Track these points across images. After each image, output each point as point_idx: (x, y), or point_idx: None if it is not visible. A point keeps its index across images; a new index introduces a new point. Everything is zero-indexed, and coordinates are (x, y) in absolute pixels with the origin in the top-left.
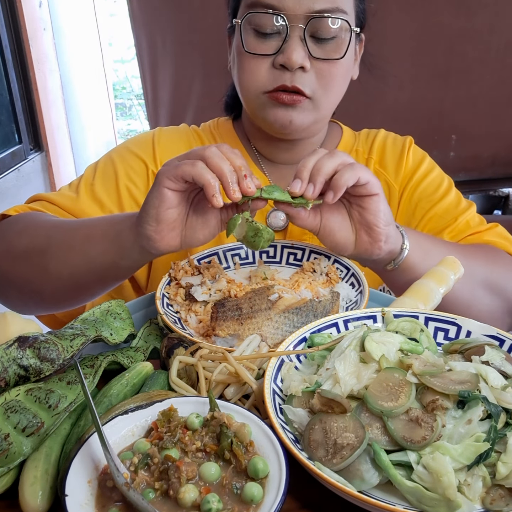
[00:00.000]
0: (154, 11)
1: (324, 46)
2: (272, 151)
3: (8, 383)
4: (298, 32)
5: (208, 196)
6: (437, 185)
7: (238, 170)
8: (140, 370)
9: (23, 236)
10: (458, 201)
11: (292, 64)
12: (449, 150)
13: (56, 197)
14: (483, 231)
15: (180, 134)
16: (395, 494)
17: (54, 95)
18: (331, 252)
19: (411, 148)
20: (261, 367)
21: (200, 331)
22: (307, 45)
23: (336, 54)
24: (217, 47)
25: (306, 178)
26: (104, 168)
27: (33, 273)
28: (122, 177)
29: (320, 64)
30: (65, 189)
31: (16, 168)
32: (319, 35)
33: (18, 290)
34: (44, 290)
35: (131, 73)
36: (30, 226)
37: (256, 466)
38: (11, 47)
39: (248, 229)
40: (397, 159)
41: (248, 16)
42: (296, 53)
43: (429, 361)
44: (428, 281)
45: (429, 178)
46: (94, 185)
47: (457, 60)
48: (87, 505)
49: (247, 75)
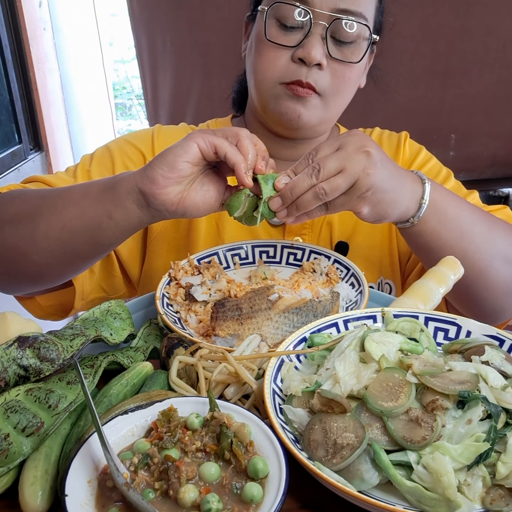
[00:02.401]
0: (154, 11)
1: (342, 48)
2: (274, 147)
3: (8, 383)
4: (321, 30)
5: (240, 174)
6: (436, 173)
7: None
8: (140, 370)
9: (14, 203)
10: (458, 187)
11: (310, 59)
12: (448, 150)
13: (52, 179)
14: (494, 210)
15: (179, 131)
16: (395, 494)
17: (54, 95)
18: (331, 251)
19: (407, 141)
20: (261, 367)
21: (200, 331)
22: (327, 44)
23: (353, 58)
24: (217, 47)
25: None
26: (101, 156)
27: (20, 238)
28: (118, 165)
29: (336, 65)
30: (61, 173)
31: (16, 168)
32: (339, 37)
33: (3, 261)
34: (29, 254)
35: (131, 73)
36: (21, 194)
37: (256, 466)
38: (11, 47)
39: (249, 204)
40: (393, 152)
41: (274, 6)
42: (316, 49)
43: (429, 361)
44: (428, 281)
45: (426, 167)
46: (90, 171)
47: (457, 60)
48: (87, 505)
49: (265, 63)
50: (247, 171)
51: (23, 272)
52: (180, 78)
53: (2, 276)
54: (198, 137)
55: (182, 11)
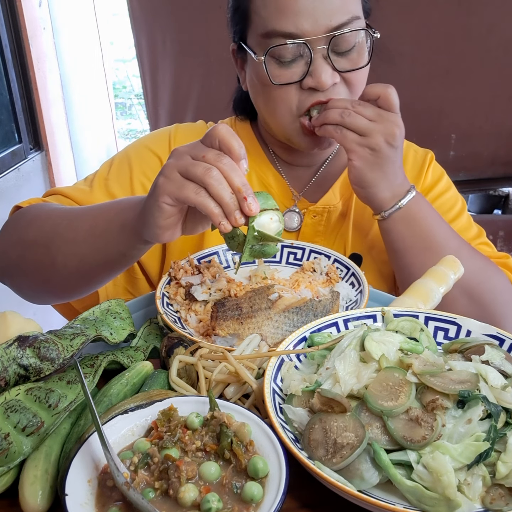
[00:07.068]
0: (154, 11)
1: (347, 57)
2: (289, 155)
3: (8, 383)
4: (321, 52)
5: (216, 223)
6: (451, 206)
7: (237, 192)
8: (140, 370)
9: (31, 227)
10: (469, 225)
11: (324, 86)
12: (448, 149)
13: (70, 190)
14: (494, 258)
15: (197, 130)
16: (395, 494)
17: (54, 94)
18: (331, 251)
19: (432, 164)
20: (261, 366)
21: (200, 330)
22: (331, 61)
23: (360, 62)
24: (217, 47)
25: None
26: (119, 164)
27: (42, 262)
28: (137, 172)
29: (348, 75)
30: (80, 183)
31: (16, 167)
32: (340, 49)
33: (29, 279)
34: (52, 279)
35: (132, 72)
36: (37, 217)
37: (256, 466)
38: (11, 46)
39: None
40: (416, 172)
41: (269, 51)
42: (325, 74)
43: (429, 361)
44: (428, 281)
45: (444, 198)
46: (108, 179)
47: (457, 59)
48: (87, 505)
49: (279, 106)
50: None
51: (47, 290)
52: (180, 78)
53: (29, 291)
54: (164, 196)
55: (182, 11)
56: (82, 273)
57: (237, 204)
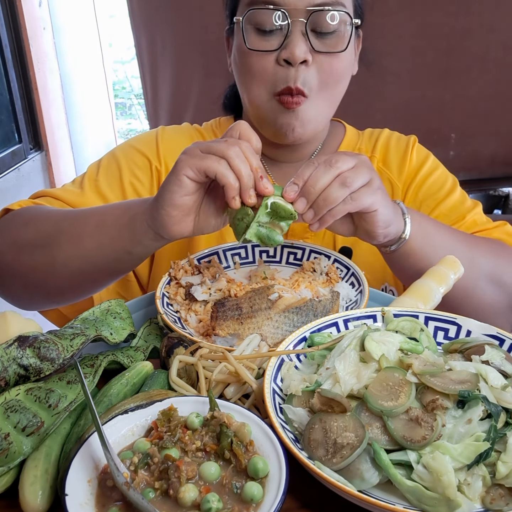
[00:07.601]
0: (154, 11)
1: (325, 40)
2: (274, 151)
3: (8, 383)
4: (300, 26)
5: (229, 197)
6: (442, 184)
7: (255, 172)
8: (140, 370)
9: (30, 227)
10: (463, 199)
11: (295, 59)
12: (448, 149)
13: (60, 192)
14: (491, 228)
15: (183, 132)
16: (395, 494)
17: (54, 94)
18: (331, 251)
19: (415, 146)
20: (261, 366)
21: (200, 330)
22: (309, 39)
23: (338, 47)
24: (217, 47)
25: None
26: (107, 165)
27: (39, 263)
28: (126, 173)
29: (322, 58)
30: (68, 185)
31: (16, 167)
32: (320, 29)
33: (23, 282)
34: (49, 281)
35: (130, 73)
36: (37, 217)
37: (256, 466)
38: (11, 46)
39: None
40: (400, 157)
41: (249, 14)
42: (299, 47)
43: (429, 361)
44: (428, 281)
45: (433, 177)
46: (98, 180)
47: (457, 59)
48: (87, 505)
49: (253, 75)
50: (237, 195)
51: (42, 293)
52: (180, 78)
53: (22, 295)
54: (185, 167)
55: (182, 11)
56: (82, 274)
57: (253, 183)
